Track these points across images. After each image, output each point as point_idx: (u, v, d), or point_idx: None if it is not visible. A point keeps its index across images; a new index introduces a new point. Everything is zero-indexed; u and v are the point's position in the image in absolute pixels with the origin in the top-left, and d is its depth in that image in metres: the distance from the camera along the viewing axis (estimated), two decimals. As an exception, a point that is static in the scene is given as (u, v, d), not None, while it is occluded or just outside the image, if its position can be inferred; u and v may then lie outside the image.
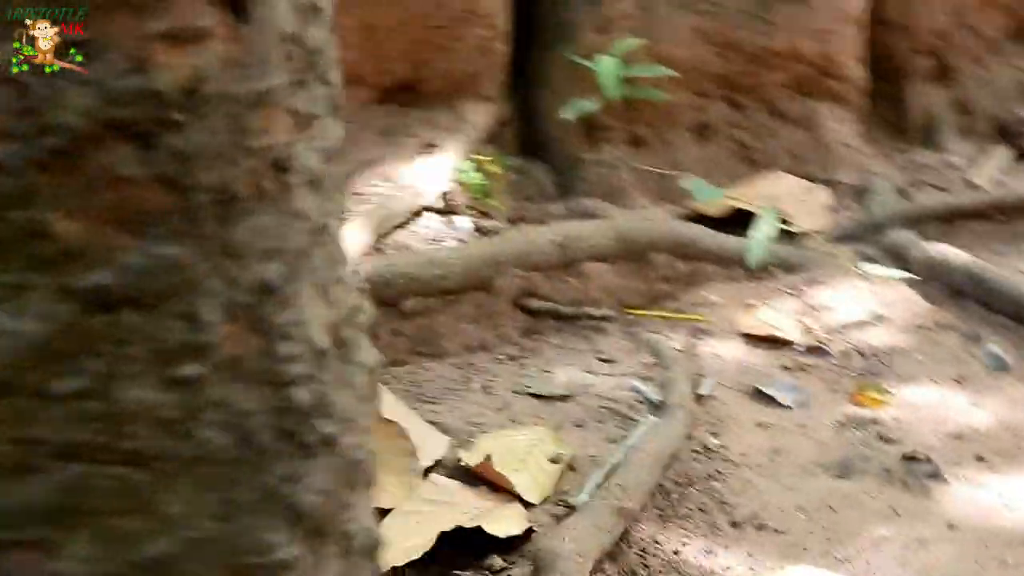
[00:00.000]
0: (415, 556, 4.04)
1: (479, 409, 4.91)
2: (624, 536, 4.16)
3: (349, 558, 1.93)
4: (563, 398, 4.95)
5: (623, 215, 5.89)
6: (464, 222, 5.66)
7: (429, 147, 5.76)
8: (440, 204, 5.64)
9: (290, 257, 1.73)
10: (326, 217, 1.83)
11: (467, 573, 4.10)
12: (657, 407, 4.76)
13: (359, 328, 1.96)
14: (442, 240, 5.58)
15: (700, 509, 4.33)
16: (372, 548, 1.99)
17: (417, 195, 5.56)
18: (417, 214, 5.58)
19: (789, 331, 5.28)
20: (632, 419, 4.75)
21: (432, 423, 4.81)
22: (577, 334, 5.39)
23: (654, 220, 5.81)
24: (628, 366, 5.14)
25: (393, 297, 5.18)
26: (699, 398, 4.87)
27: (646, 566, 4.09)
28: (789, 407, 4.88)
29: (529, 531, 4.15)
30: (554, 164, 6.18)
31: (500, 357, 5.26)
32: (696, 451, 4.59)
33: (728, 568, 4.09)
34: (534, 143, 6.26)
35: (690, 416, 4.69)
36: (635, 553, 4.13)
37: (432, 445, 4.65)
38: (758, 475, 4.49)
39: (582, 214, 5.84)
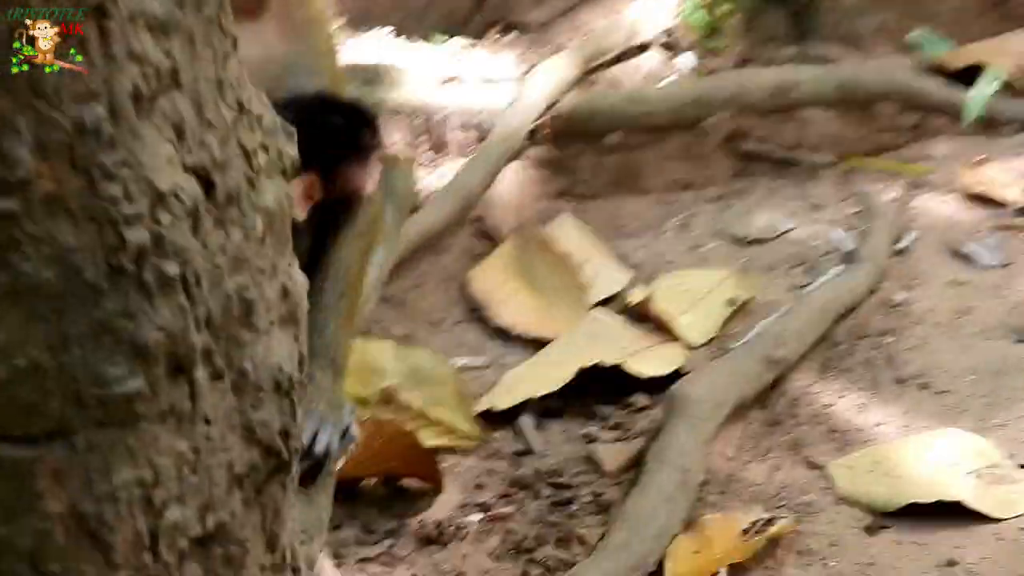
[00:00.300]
0: (554, 388, 4.09)
1: (672, 247, 4.90)
2: (777, 384, 4.10)
3: (245, 394, 1.95)
4: (758, 242, 4.89)
5: (857, 62, 5.68)
6: (686, 60, 5.57)
7: (659, -18, 5.67)
8: (662, 41, 5.55)
9: (119, 99, 1.73)
10: (189, 63, 1.82)
11: (608, 408, 4.12)
12: (850, 258, 4.63)
13: (260, 171, 1.97)
14: (661, 78, 5.51)
15: (866, 364, 4.24)
16: (282, 386, 2.00)
17: (637, 31, 5.49)
18: (638, 50, 5.52)
19: (1008, 191, 5.04)
20: (823, 268, 4.64)
21: (621, 258, 4.81)
22: (788, 179, 5.28)
23: (883, 69, 5.58)
24: (833, 215, 5.02)
25: (596, 132, 5.16)
26: (897, 252, 4.72)
27: (794, 416, 4.04)
28: (988, 267, 4.67)
29: (677, 372, 4.14)
30: (791, 7, 5.98)
31: (705, 197, 5.20)
32: (879, 305, 4.46)
33: (878, 425, 4.01)
34: (773, -16, 6.08)
35: (879, 270, 4.56)
36: (785, 402, 4.09)
37: (609, 280, 4.68)
38: (936, 334, 4.35)
39: (815, 59, 5.66)
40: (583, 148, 5.17)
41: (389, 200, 3.28)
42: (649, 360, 4.21)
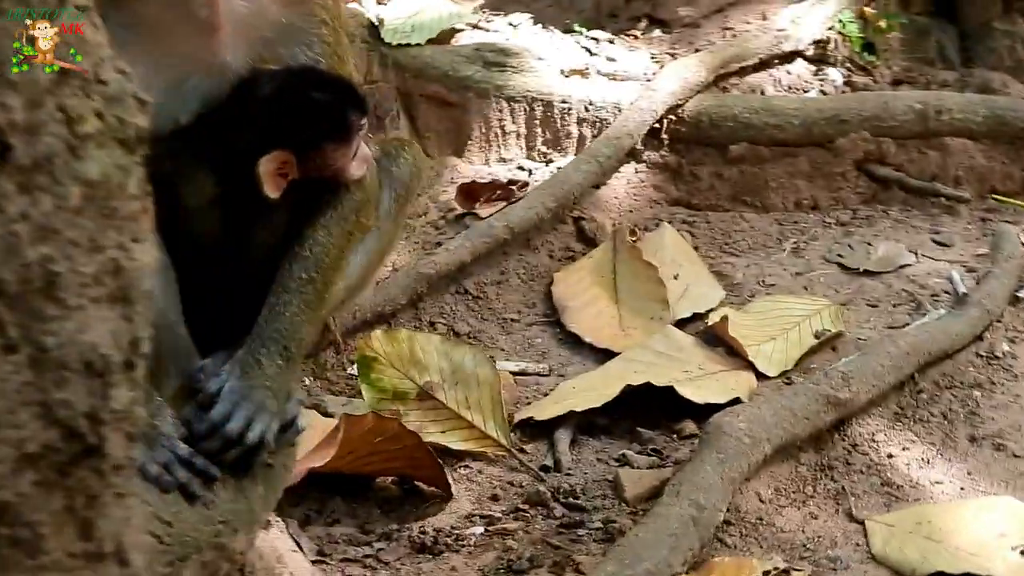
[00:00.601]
0: (596, 405, 3.91)
1: (779, 270, 4.67)
2: (839, 427, 3.84)
3: (45, 371, 1.84)
4: (871, 274, 4.63)
5: (1019, 94, 5.32)
6: (835, 74, 5.29)
7: (815, -11, 5.39)
8: (811, 52, 5.27)
9: None
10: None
11: (652, 432, 3.92)
12: (961, 301, 4.31)
13: (88, 139, 1.85)
14: (805, 90, 5.25)
15: (944, 416, 3.97)
16: (94, 366, 1.88)
17: (784, 38, 5.23)
18: (784, 59, 5.25)
19: None
20: (929, 308, 4.35)
21: (722, 276, 4.58)
22: (922, 211, 4.98)
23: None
24: (959, 254, 4.74)
25: (721, 140, 4.93)
26: (1016, 300, 4.38)
27: (849, 463, 3.80)
28: (1111, 326, 4.32)
29: (736, 401, 3.91)
30: (961, 29, 5.64)
31: (828, 220, 4.94)
32: (978, 355, 4.20)
33: (937, 483, 3.75)
34: (943, 3, 5.71)
35: (989, 317, 4.25)
36: (844, 447, 3.85)
37: (699, 297, 4.48)
38: (1029, 393, 4.03)
39: (979, 87, 5.31)
40: (705, 156, 4.96)
41: (388, 186, 3.12)
42: (709, 386, 3.99)
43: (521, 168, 4.96)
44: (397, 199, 3.15)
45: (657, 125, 4.89)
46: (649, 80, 4.99)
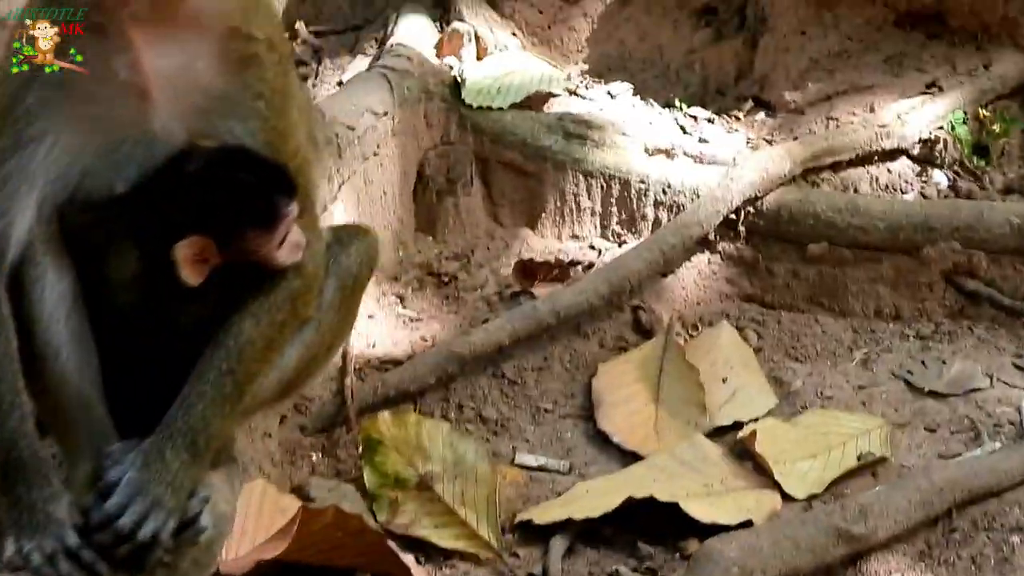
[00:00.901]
0: (593, 515, 3.75)
1: (841, 381, 4.45)
2: (854, 561, 3.62)
3: None
4: (937, 395, 4.36)
5: None
6: (939, 177, 5.00)
7: (932, 87, 5.09)
8: (918, 151, 5.00)
9: None
10: None
11: (653, 548, 3.74)
12: (1021, 435, 4.06)
13: None
14: (904, 191, 4.97)
15: (973, 561, 3.72)
16: None
17: (885, 135, 4.95)
18: (886, 156, 4.98)
19: None
20: (987, 440, 4.09)
21: (777, 382, 4.37)
22: (1008, 332, 4.68)
23: None
24: (1042, 383, 4.41)
25: (800, 237, 4.70)
26: (1086, 442, 4.09)
27: (855, 602, 3.55)
28: None
29: (748, 524, 3.70)
30: (1087, 139, 5.29)
31: (907, 332, 4.68)
32: (1033, 500, 3.88)
33: (944, 635, 3.48)
34: (1070, 111, 5.38)
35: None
36: (853, 584, 3.60)
37: (745, 404, 4.29)
38: (1079, 547, 3.74)
39: (1103, 205, 4.97)
40: (783, 252, 4.75)
41: (334, 275, 2.97)
42: (722, 504, 3.81)
43: (592, 247, 4.81)
44: (342, 289, 3.00)
45: (734, 216, 4.69)
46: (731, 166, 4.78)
